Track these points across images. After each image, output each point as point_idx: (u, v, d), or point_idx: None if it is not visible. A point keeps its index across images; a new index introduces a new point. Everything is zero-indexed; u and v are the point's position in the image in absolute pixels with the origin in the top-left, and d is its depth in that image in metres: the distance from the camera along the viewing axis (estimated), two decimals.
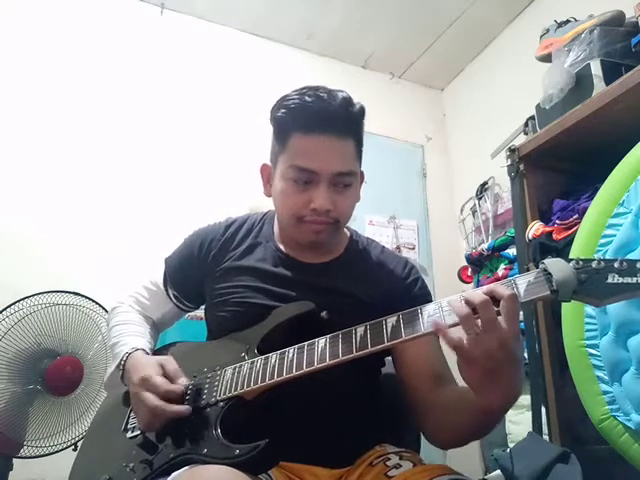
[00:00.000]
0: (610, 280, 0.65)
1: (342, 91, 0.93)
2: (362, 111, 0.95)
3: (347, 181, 0.94)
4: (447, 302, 0.70)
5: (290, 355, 0.80)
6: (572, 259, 0.68)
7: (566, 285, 0.66)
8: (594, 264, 0.66)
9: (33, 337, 1.62)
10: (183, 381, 0.85)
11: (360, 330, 0.77)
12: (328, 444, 0.89)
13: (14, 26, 2.37)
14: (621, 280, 0.64)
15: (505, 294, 0.65)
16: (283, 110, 0.93)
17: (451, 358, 0.95)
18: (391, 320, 0.75)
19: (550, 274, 0.67)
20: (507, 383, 0.68)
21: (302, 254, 1.02)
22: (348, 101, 0.93)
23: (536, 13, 2.69)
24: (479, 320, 0.65)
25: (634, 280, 0.64)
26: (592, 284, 0.66)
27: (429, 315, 0.72)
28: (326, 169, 0.91)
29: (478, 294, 0.66)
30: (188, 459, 0.77)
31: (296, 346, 0.81)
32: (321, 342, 0.79)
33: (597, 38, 1.59)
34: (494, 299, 0.66)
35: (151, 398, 0.83)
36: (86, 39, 2.51)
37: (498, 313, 0.66)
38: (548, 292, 0.66)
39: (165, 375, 0.86)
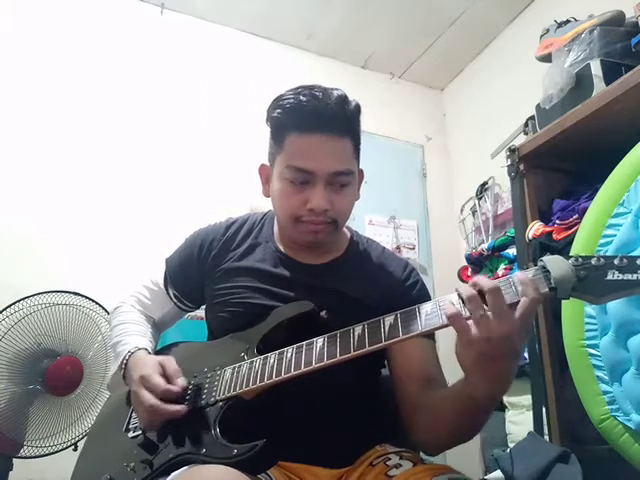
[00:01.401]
0: (610, 277, 0.65)
1: (337, 89, 0.93)
2: (358, 109, 0.94)
3: (344, 180, 0.93)
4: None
5: (288, 355, 0.80)
6: (571, 256, 0.67)
7: (565, 282, 0.65)
8: (594, 261, 0.66)
9: (33, 337, 1.63)
10: (181, 381, 0.85)
11: (358, 329, 0.77)
12: (328, 444, 0.89)
13: (14, 26, 2.37)
14: (621, 277, 0.64)
15: (530, 295, 0.65)
16: (278, 110, 0.93)
17: (447, 363, 0.96)
18: (389, 319, 0.75)
19: (548, 271, 0.67)
20: (499, 373, 0.68)
21: (301, 254, 1.02)
22: (343, 99, 0.92)
23: (536, 13, 2.69)
24: (487, 305, 0.65)
25: (634, 277, 0.63)
26: (591, 281, 0.65)
27: (427, 314, 0.72)
28: (322, 169, 0.90)
29: (488, 281, 0.67)
30: (187, 459, 0.77)
31: (294, 346, 0.81)
32: (319, 342, 0.79)
33: (597, 38, 1.59)
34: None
35: (148, 396, 0.83)
36: (86, 39, 2.51)
37: (512, 306, 0.66)
38: (547, 289, 0.66)
39: (164, 375, 0.87)
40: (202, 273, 1.06)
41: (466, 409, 0.75)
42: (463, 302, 0.68)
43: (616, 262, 0.65)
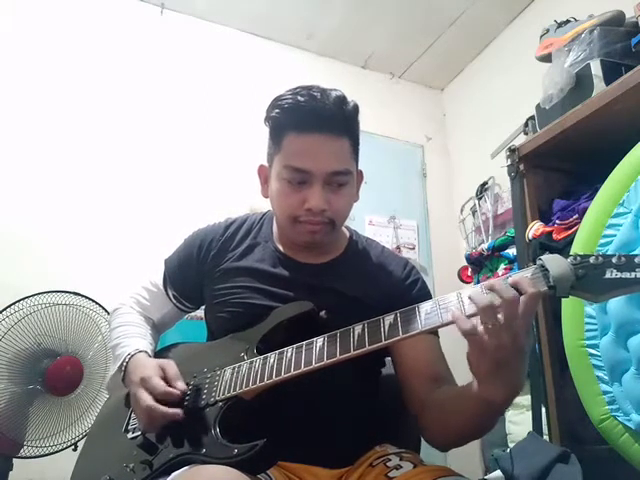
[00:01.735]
0: (608, 275, 0.65)
1: (336, 90, 0.93)
2: (356, 109, 0.95)
3: (342, 180, 0.93)
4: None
5: (288, 355, 0.81)
6: (570, 255, 0.67)
7: (563, 281, 0.66)
8: (592, 260, 0.66)
9: (33, 337, 1.62)
10: (181, 385, 0.85)
11: (358, 329, 0.77)
12: (328, 444, 0.89)
13: (14, 26, 2.37)
14: (619, 275, 0.64)
15: (529, 291, 0.65)
16: (277, 110, 0.93)
17: (451, 360, 0.96)
18: (389, 319, 0.75)
19: (547, 270, 0.67)
20: (513, 375, 0.69)
21: (301, 254, 1.02)
22: (342, 100, 0.92)
23: (536, 13, 2.69)
24: (500, 313, 0.65)
25: (632, 275, 0.64)
26: (590, 279, 0.66)
27: (426, 313, 0.72)
28: (320, 169, 0.90)
29: (508, 289, 0.66)
30: (187, 459, 0.77)
31: (294, 346, 0.81)
32: (319, 341, 0.79)
33: (597, 38, 1.59)
34: (517, 290, 0.66)
35: (146, 397, 0.83)
36: (86, 39, 2.51)
37: None
38: (545, 288, 0.66)
39: (165, 378, 0.87)
40: (201, 273, 1.06)
41: (478, 411, 0.75)
42: (474, 309, 0.67)
43: (614, 261, 0.65)
